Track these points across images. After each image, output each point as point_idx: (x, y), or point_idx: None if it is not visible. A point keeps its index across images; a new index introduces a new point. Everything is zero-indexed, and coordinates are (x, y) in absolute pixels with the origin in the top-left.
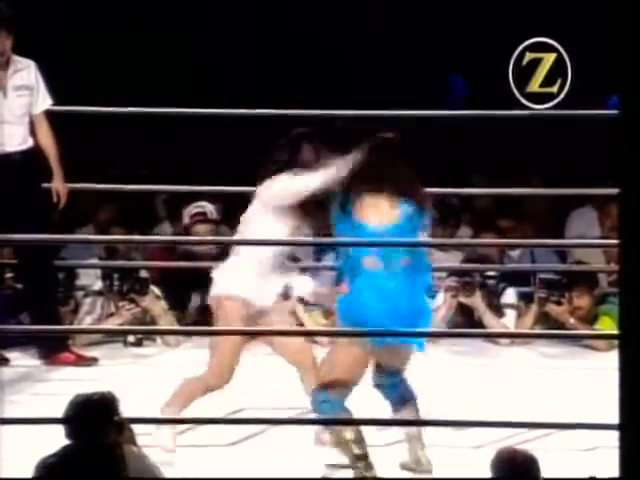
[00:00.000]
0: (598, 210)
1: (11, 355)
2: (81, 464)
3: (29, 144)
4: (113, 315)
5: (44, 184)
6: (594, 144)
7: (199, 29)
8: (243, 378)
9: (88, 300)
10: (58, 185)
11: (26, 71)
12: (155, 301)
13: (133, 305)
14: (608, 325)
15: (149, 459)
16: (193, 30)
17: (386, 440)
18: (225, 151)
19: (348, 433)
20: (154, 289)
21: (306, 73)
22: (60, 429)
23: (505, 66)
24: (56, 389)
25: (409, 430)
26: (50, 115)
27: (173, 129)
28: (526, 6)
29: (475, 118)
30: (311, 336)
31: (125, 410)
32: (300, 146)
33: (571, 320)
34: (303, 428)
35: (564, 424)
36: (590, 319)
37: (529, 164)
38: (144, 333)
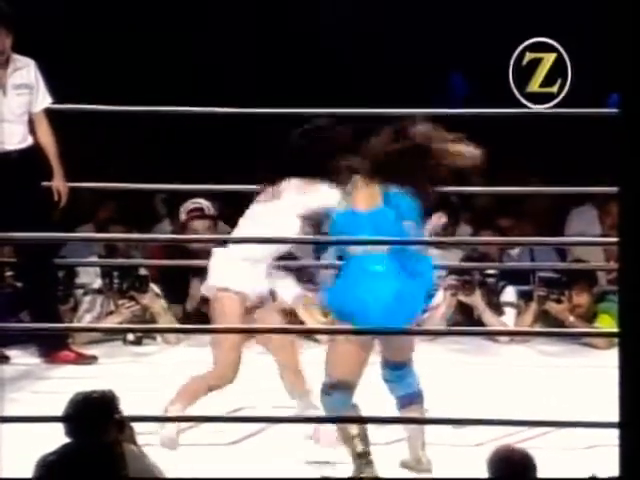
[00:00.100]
0: (598, 208)
1: (11, 353)
2: (81, 462)
3: (29, 142)
4: (113, 313)
5: (44, 182)
6: (594, 142)
7: (199, 29)
8: (242, 376)
9: (88, 298)
10: (59, 183)
11: (26, 70)
12: (155, 299)
13: (133, 303)
14: (607, 323)
15: (149, 458)
16: (193, 30)
17: (387, 438)
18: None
19: (354, 429)
20: (154, 287)
21: (306, 73)
22: (60, 427)
23: (505, 66)
24: (56, 387)
25: (411, 429)
26: (50, 113)
27: (172, 128)
28: (526, 6)
29: (475, 117)
30: (309, 334)
31: (125, 408)
32: (319, 137)
33: (571, 318)
34: (303, 426)
35: (564, 422)
36: (589, 317)
37: (529, 162)
38: (144, 331)
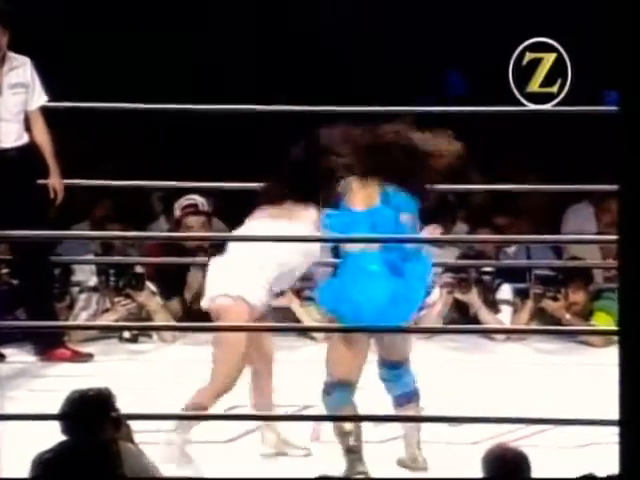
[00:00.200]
0: (595, 206)
1: (7, 351)
2: (77, 460)
3: (25, 140)
4: (109, 311)
5: (40, 180)
6: (592, 140)
7: (199, 29)
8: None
9: (83, 296)
10: (55, 181)
11: (22, 69)
12: (151, 297)
13: (129, 301)
14: (604, 321)
15: (146, 456)
16: (193, 30)
17: (383, 436)
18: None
19: (348, 425)
20: (150, 285)
21: (306, 73)
22: (56, 425)
23: (505, 66)
24: (52, 385)
25: (407, 427)
26: (46, 111)
27: (170, 126)
28: (526, 6)
29: (473, 115)
30: (307, 332)
31: (121, 406)
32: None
33: (567, 316)
34: (301, 424)
35: (564, 420)
36: (586, 315)
37: (526, 160)
38: (140, 329)
